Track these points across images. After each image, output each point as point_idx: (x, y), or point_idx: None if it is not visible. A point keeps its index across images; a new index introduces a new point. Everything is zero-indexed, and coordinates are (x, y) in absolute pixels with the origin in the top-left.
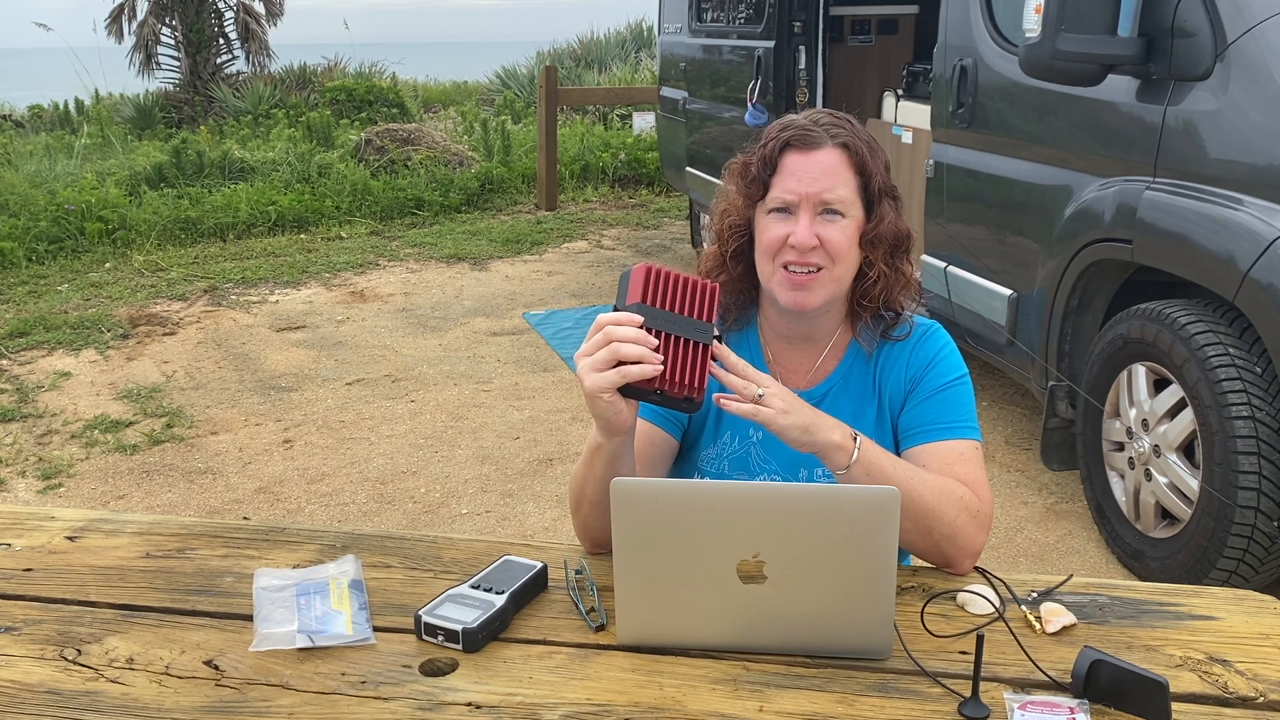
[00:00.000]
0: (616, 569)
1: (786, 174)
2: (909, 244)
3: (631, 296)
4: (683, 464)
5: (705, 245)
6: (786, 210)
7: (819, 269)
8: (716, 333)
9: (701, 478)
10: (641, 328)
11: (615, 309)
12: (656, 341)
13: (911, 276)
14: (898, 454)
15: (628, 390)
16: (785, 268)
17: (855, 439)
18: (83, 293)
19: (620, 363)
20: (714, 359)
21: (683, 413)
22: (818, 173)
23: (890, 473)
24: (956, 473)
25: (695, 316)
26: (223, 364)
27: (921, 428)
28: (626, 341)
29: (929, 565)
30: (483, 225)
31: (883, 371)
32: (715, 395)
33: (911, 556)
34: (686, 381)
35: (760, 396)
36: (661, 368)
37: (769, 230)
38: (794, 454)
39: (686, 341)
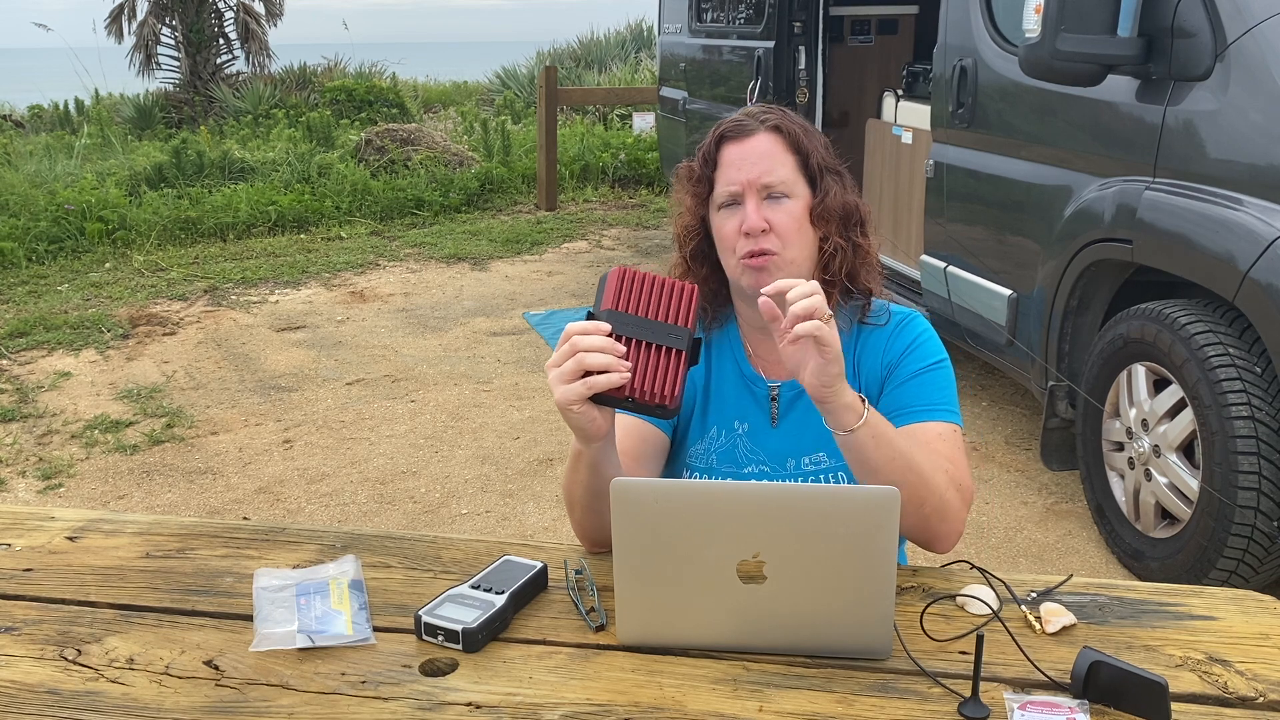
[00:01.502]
0: (616, 569)
1: (727, 165)
2: (863, 218)
3: (605, 302)
4: (672, 461)
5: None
6: (735, 202)
7: (774, 254)
8: (698, 335)
9: (690, 473)
10: (611, 335)
11: (589, 315)
12: (624, 349)
13: (872, 251)
14: None
15: (599, 398)
16: (745, 255)
17: (864, 403)
18: (83, 293)
19: (588, 372)
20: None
21: (659, 419)
22: (755, 157)
23: (893, 438)
24: (937, 450)
25: (671, 320)
26: (223, 364)
27: (900, 410)
28: (592, 351)
29: (929, 565)
30: (483, 225)
31: (861, 358)
32: (785, 324)
33: (908, 556)
34: (655, 389)
35: (830, 316)
36: (629, 376)
37: (723, 225)
38: (780, 445)
39: (658, 347)
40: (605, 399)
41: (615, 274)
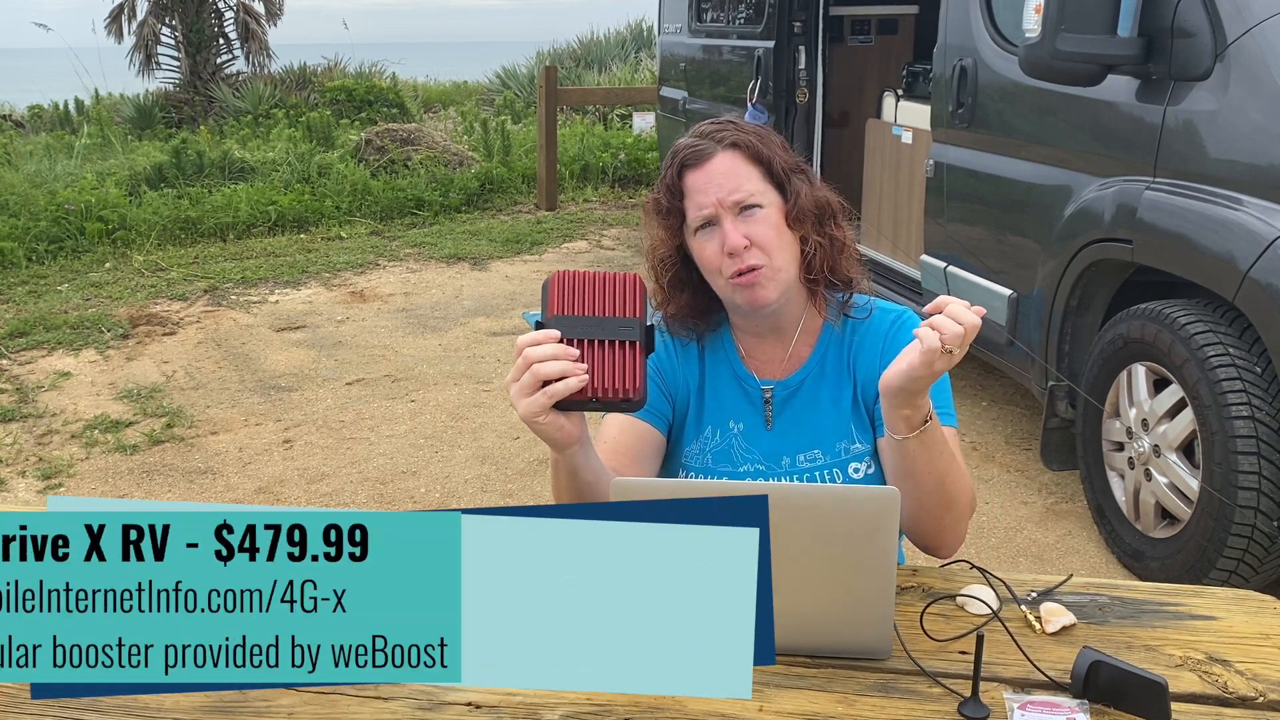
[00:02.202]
0: None
1: (694, 192)
2: (835, 210)
3: (550, 309)
4: (667, 461)
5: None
6: (710, 224)
7: (760, 267)
8: (650, 323)
9: (687, 473)
10: (562, 340)
11: (539, 324)
12: (577, 352)
13: (848, 240)
14: (874, 440)
15: (564, 405)
16: (733, 275)
17: (931, 415)
18: (83, 293)
19: (546, 382)
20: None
21: (629, 412)
22: (720, 178)
23: (945, 447)
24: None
25: (619, 313)
26: (223, 364)
27: None
28: (545, 360)
29: (929, 565)
30: (483, 225)
31: (856, 355)
32: (923, 325)
33: (907, 556)
34: (616, 385)
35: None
36: (587, 378)
37: (704, 250)
38: (775, 445)
39: (611, 343)
40: (569, 404)
41: (555, 279)
